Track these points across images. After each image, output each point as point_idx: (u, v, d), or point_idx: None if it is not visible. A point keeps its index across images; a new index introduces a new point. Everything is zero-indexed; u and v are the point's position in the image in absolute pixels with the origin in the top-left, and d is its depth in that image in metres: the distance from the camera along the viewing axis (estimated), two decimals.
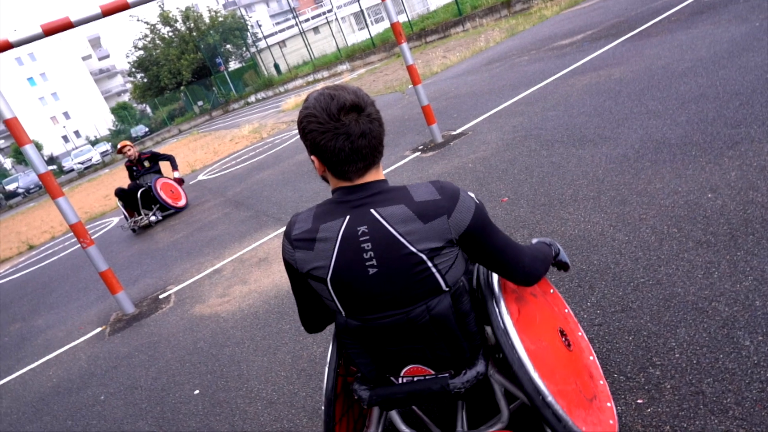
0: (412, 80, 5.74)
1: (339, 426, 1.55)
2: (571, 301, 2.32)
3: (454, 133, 5.91)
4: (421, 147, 5.99)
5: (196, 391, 2.86)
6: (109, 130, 48.11)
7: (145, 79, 39.48)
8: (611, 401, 1.61)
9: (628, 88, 4.90)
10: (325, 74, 24.20)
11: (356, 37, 31.58)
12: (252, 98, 30.18)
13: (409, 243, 1.23)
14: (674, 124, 3.68)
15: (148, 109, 46.96)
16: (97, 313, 4.96)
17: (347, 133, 1.22)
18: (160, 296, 4.68)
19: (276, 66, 32.84)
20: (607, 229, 2.76)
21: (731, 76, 4.11)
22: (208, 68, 35.50)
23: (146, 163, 8.16)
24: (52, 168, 38.45)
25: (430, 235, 1.23)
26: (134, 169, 8.14)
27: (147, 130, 40.32)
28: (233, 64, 38.15)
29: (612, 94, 4.90)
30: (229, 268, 4.67)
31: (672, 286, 2.14)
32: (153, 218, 7.87)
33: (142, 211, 7.89)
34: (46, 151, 51.73)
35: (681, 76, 4.58)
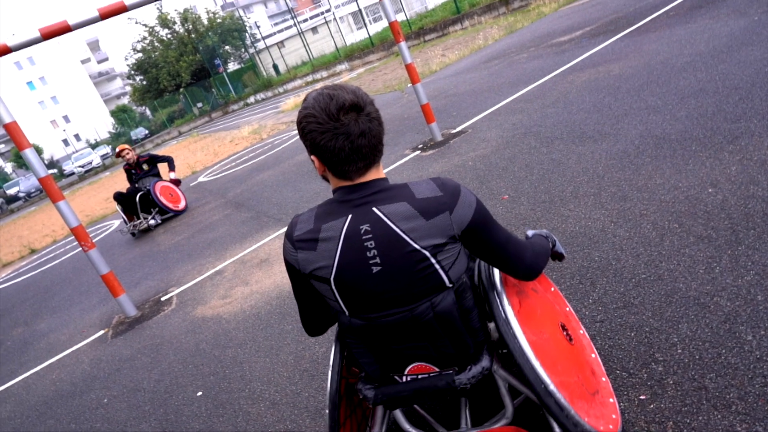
0: (411, 79, 5.74)
1: (343, 429, 1.55)
2: (573, 298, 2.31)
3: (454, 132, 5.90)
4: (421, 146, 5.99)
5: (199, 393, 2.86)
6: (109, 133, 48.20)
7: (145, 82, 39.53)
8: (614, 397, 1.60)
9: (627, 83, 4.90)
10: (324, 74, 24.20)
11: (355, 37, 31.56)
12: (251, 99, 30.18)
13: (412, 240, 1.23)
14: (674, 120, 3.67)
15: (147, 112, 47.02)
16: (100, 316, 4.97)
17: (347, 133, 1.22)
18: (162, 298, 4.68)
19: (275, 67, 32.84)
20: (608, 225, 2.75)
21: (730, 70, 4.11)
22: (207, 70, 35.52)
23: (145, 166, 8.14)
24: (53, 172, 38.52)
25: (433, 231, 1.24)
26: (133, 173, 8.13)
27: (147, 133, 40.37)
28: (232, 66, 38.16)
29: (611, 90, 4.89)
30: (230, 269, 4.68)
31: (673, 281, 2.14)
32: (152, 222, 7.85)
33: (141, 215, 7.87)
34: (47, 155, 51.78)
35: (680, 71, 4.58)
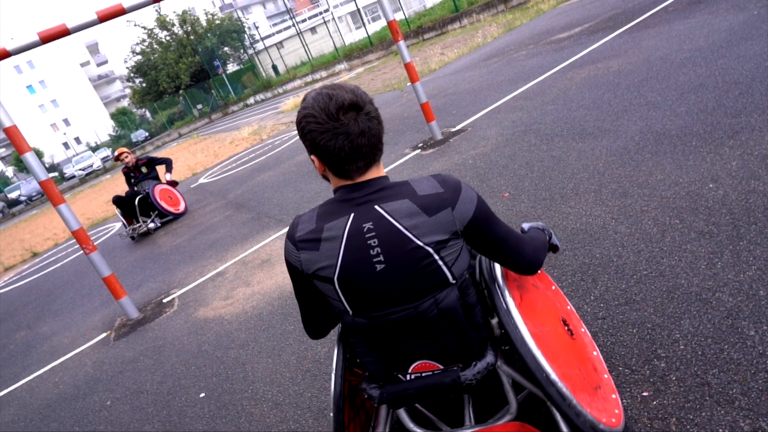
0: (410, 78, 5.73)
1: (347, 431, 1.55)
2: (574, 295, 2.31)
3: (454, 130, 5.90)
4: (421, 144, 5.98)
5: (202, 394, 2.86)
6: (110, 135, 48.23)
7: (144, 84, 39.56)
8: (616, 393, 1.60)
9: (626, 80, 4.89)
10: (323, 74, 24.19)
11: (353, 36, 31.55)
12: (251, 100, 30.19)
13: (415, 237, 1.24)
14: (674, 115, 3.66)
15: (147, 114, 47.01)
16: (102, 319, 4.97)
17: (347, 133, 1.22)
18: (164, 300, 4.69)
19: (274, 67, 32.84)
20: (609, 222, 2.75)
21: (730, 65, 4.10)
22: (207, 71, 35.53)
23: (143, 169, 8.13)
24: (54, 175, 38.52)
25: (436, 228, 1.24)
26: (132, 176, 8.12)
27: (147, 135, 40.38)
28: (231, 67, 38.18)
29: (611, 87, 4.88)
30: (231, 270, 4.68)
31: (675, 277, 2.13)
32: (152, 225, 7.82)
33: (141, 219, 7.85)
34: (47, 159, 51.82)
35: (680, 67, 4.57)
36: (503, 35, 12.12)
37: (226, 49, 37.83)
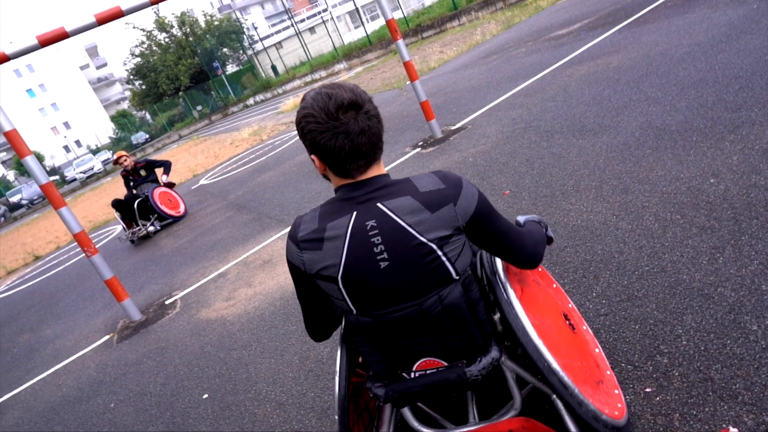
0: (409, 76, 5.73)
1: None
2: (576, 291, 2.31)
3: (454, 128, 5.90)
4: (421, 143, 5.98)
5: (205, 395, 2.86)
6: (110, 138, 48.23)
7: (144, 86, 39.56)
8: (619, 389, 1.60)
9: (626, 75, 4.88)
10: (322, 74, 24.19)
11: (352, 36, 31.55)
12: (251, 101, 30.19)
13: (418, 233, 1.24)
14: (674, 110, 3.66)
15: (147, 116, 47.01)
16: (105, 321, 4.98)
17: (347, 132, 1.22)
18: (166, 302, 4.69)
19: (273, 68, 32.83)
20: (610, 218, 2.75)
21: (730, 59, 4.09)
22: (206, 72, 35.53)
23: (142, 171, 8.12)
24: (55, 178, 38.57)
25: (439, 224, 1.24)
26: (131, 179, 8.13)
27: (147, 137, 40.39)
28: (231, 68, 38.17)
29: (610, 83, 4.87)
30: (233, 271, 4.68)
31: (677, 273, 2.13)
32: (151, 229, 7.80)
33: (140, 222, 7.84)
34: (48, 162, 51.87)
35: (679, 62, 4.56)
36: (502, 32, 12.11)
37: (225, 50, 37.82)
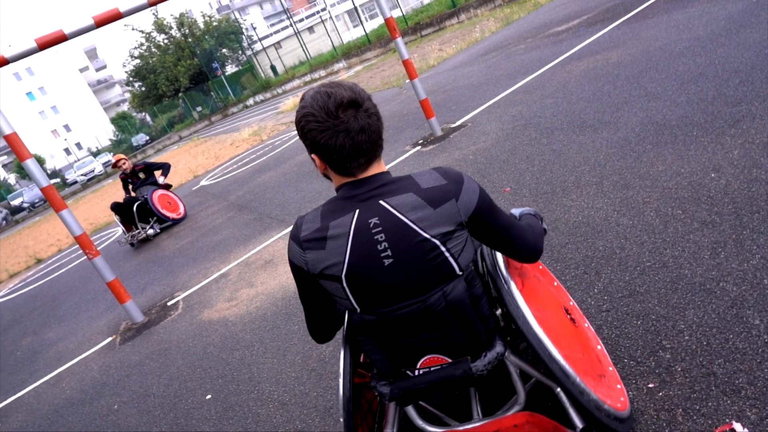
0: (408, 75, 5.72)
1: None
2: (578, 288, 2.31)
3: (454, 126, 5.89)
4: (421, 141, 5.98)
5: (208, 396, 2.87)
6: (110, 140, 48.23)
7: (143, 88, 39.52)
8: (621, 384, 1.60)
9: (626, 71, 4.87)
10: (322, 73, 24.16)
11: (351, 35, 31.51)
12: (250, 101, 30.18)
13: (421, 230, 1.24)
14: (674, 105, 3.65)
15: (147, 118, 47.05)
16: (107, 323, 4.99)
17: (347, 130, 1.22)
18: (168, 303, 4.70)
19: (272, 68, 32.80)
20: (611, 214, 2.74)
21: (730, 53, 4.08)
22: (205, 73, 35.50)
23: (141, 174, 8.12)
24: (56, 181, 38.60)
25: (441, 219, 1.25)
26: (129, 181, 8.13)
27: (147, 139, 40.39)
28: (230, 68, 38.12)
29: (610, 78, 4.87)
30: (235, 271, 4.68)
31: (679, 268, 2.13)
32: (151, 231, 7.78)
33: (139, 225, 7.82)
34: (49, 165, 51.92)
35: (679, 57, 4.55)
36: (501, 29, 12.09)
37: (224, 50, 37.77)
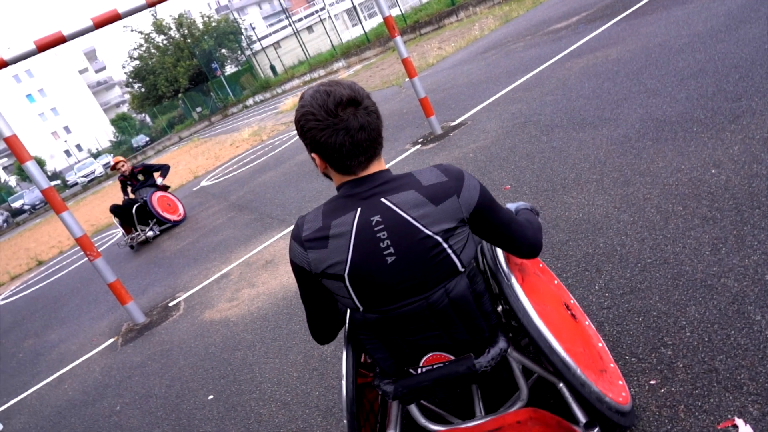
0: (408, 73, 5.72)
1: None
2: (579, 285, 2.31)
3: (453, 124, 5.89)
4: (421, 140, 5.97)
5: (210, 396, 2.87)
6: (110, 141, 48.27)
7: (143, 89, 39.51)
8: (623, 380, 1.60)
9: (625, 67, 4.86)
10: (321, 73, 24.16)
11: (350, 34, 31.49)
12: (250, 101, 30.17)
13: (424, 226, 1.24)
14: (674, 102, 3.64)
15: (147, 119, 47.04)
16: (109, 325, 4.99)
17: (346, 128, 1.23)
18: (170, 304, 4.70)
19: (272, 67, 32.80)
20: (612, 211, 2.74)
21: (729, 49, 4.07)
22: (205, 74, 35.48)
23: (140, 176, 8.12)
24: (56, 183, 38.60)
25: (443, 216, 1.25)
26: (128, 183, 8.12)
27: (148, 140, 40.39)
28: (229, 69, 38.11)
29: (610, 75, 4.86)
30: (236, 272, 4.69)
31: (680, 264, 2.13)
32: (150, 234, 7.76)
33: (138, 227, 7.82)
34: (50, 167, 51.95)
35: (679, 53, 4.54)
36: (500, 27, 12.08)
37: (223, 51, 37.77)
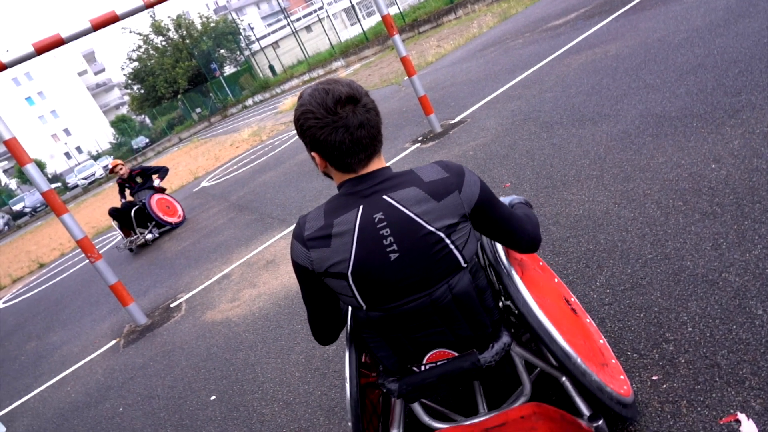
0: (407, 72, 5.71)
1: None
2: (580, 282, 2.30)
3: (453, 122, 5.88)
4: (421, 138, 5.97)
5: (213, 397, 2.87)
6: (110, 143, 48.29)
7: (142, 90, 39.50)
8: (624, 375, 1.60)
9: (624, 63, 4.86)
10: (320, 72, 24.14)
11: (349, 33, 31.47)
12: (249, 101, 30.15)
13: (426, 223, 1.24)
14: (674, 97, 3.64)
15: (147, 120, 47.05)
16: (111, 326, 5.00)
17: (346, 126, 1.23)
18: (171, 305, 4.70)
19: (271, 67, 32.78)
20: (612, 207, 2.74)
21: (728, 44, 4.06)
22: (204, 75, 35.47)
23: (138, 179, 8.11)
24: (56, 185, 38.62)
25: (445, 212, 1.25)
26: (127, 186, 8.12)
27: (147, 141, 40.39)
28: (228, 69, 38.10)
29: (609, 71, 4.85)
30: (237, 272, 4.69)
31: (680, 259, 2.12)
32: (149, 236, 7.74)
33: (137, 230, 7.80)
34: (50, 169, 51.98)
35: (678, 48, 4.53)
36: (499, 24, 12.06)
37: (222, 51, 37.73)
